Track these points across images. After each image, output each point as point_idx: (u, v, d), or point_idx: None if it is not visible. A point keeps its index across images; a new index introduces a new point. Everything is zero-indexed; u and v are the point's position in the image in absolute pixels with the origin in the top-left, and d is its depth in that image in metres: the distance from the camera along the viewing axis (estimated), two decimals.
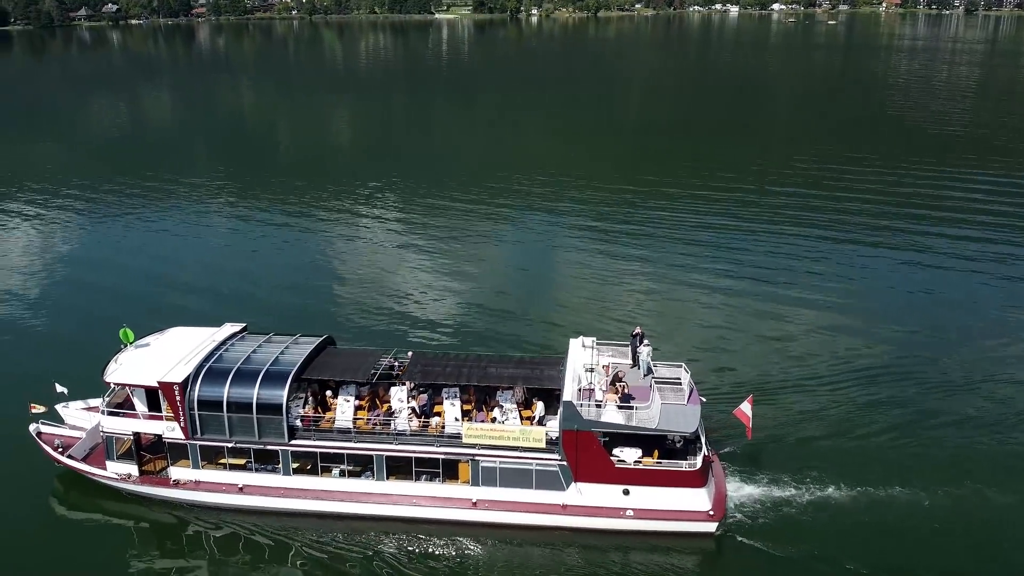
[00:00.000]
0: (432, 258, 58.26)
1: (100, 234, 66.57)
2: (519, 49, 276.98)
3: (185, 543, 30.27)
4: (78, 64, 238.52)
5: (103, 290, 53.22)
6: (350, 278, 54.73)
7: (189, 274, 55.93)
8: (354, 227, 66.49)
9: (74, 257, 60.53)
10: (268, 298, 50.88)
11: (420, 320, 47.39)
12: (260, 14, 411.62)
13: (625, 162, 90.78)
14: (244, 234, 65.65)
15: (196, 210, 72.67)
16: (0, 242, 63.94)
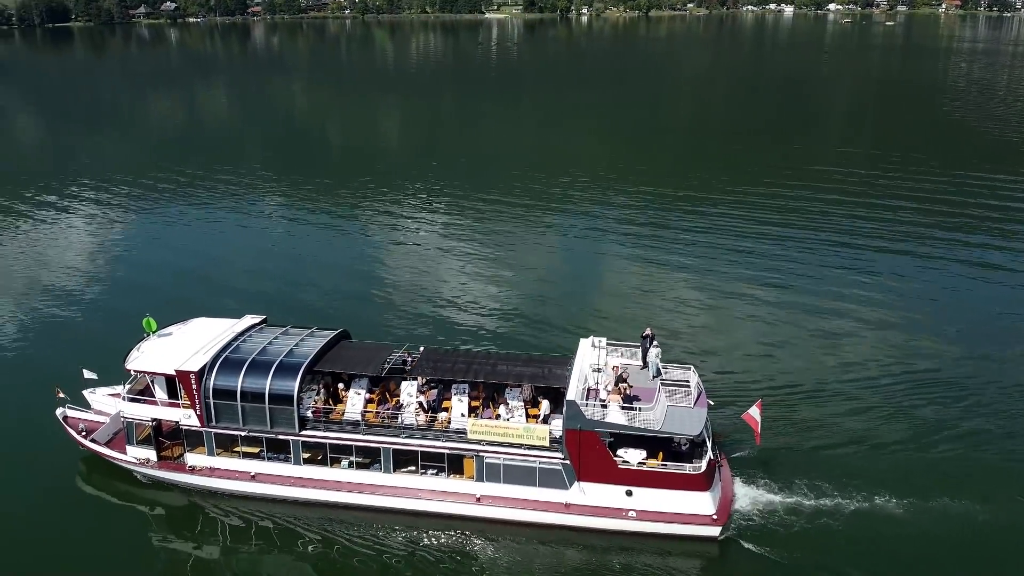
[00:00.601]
0: (468, 257, 58.45)
1: (146, 226, 68.48)
2: (568, 49, 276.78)
3: (199, 528, 31.05)
4: (137, 61, 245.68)
5: (140, 280, 54.86)
6: (385, 275, 55.32)
7: (226, 267, 57.32)
8: (396, 225, 66.97)
9: (117, 247, 62.47)
10: (299, 292, 51.85)
11: (447, 317, 47.78)
12: (314, 13, 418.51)
13: (671, 164, 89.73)
14: (287, 230, 66.78)
15: (242, 205, 74.13)
16: (50, 231, 66.33)
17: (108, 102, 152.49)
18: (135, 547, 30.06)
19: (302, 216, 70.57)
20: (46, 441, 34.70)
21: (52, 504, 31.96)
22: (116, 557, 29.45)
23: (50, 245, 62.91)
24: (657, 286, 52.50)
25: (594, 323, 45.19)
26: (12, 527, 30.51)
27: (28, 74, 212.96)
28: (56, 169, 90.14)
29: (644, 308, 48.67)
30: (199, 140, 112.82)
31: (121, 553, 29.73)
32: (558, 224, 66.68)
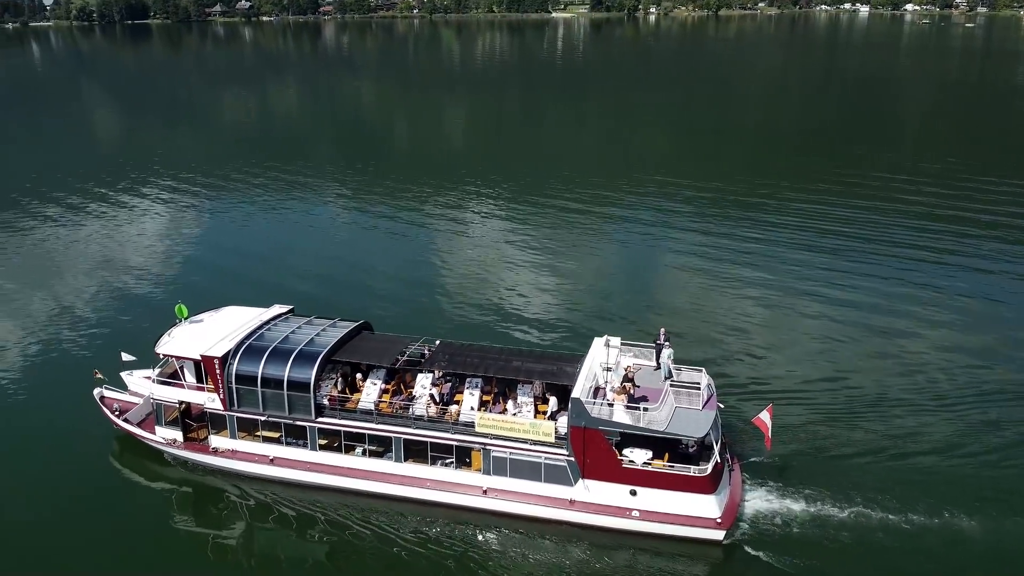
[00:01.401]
0: (514, 256, 58.59)
1: (204, 218, 71.03)
2: (635, 48, 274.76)
3: (220, 507, 32.30)
4: (212, 58, 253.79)
5: (187, 270, 57.22)
6: (427, 270, 56.21)
7: (273, 259, 58.94)
8: (449, 224, 67.53)
9: (172, 238, 64.90)
10: (336, 285, 53.04)
11: (477, 313, 48.39)
12: (383, 13, 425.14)
13: (730, 167, 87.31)
14: (338, 226, 68.19)
15: (299, 201, 75.74)
16: (114, 219, 69.41)
17: (182, 97, 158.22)
18: (159, 522, 31.45)
19: (357, 213, 71.82)
20: (84, 419, 36.51)
21: (86, 478, 33.65)
22: (141, 531, 30.80)
23: (112, 232, 65.85)
24: (693, 289, 52.03)
25: (623, 323, 45.27)
26: (48, 498, 32.18)
27: (108, 69, 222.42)
28: (127, 160, 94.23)
29: (673, 309, 48.46)
30: (266, 136, 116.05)
31: (146, 528, 31.06)
32: (607, 225, 66.40)
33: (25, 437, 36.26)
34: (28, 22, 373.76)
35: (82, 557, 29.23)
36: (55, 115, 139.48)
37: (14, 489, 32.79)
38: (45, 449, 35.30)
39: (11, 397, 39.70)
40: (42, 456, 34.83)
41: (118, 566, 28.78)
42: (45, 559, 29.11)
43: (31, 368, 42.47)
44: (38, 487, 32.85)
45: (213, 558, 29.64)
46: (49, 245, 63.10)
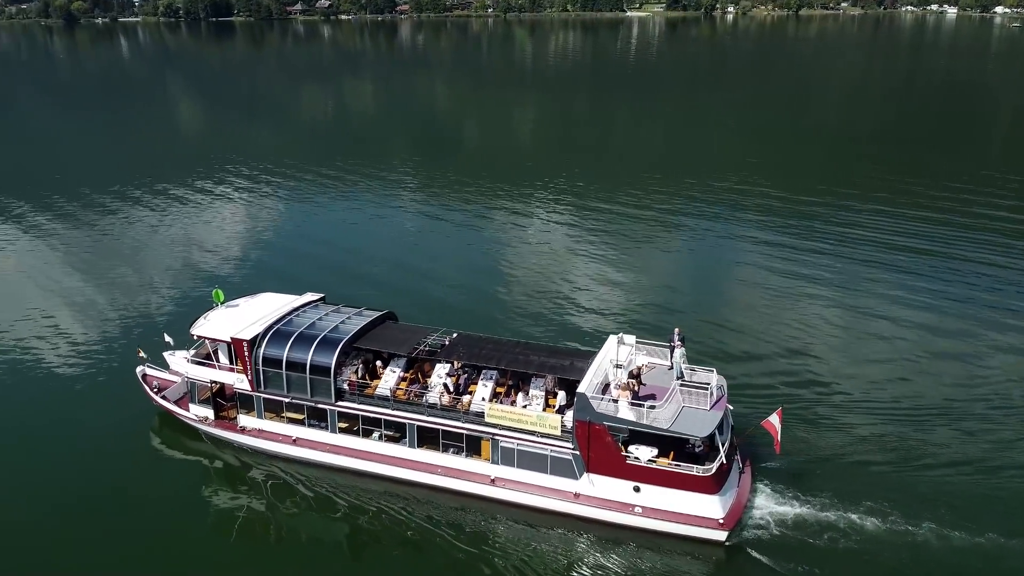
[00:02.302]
0: (574, 255, 58.65)
1: (270, 208, 73.84)
2: (711, 48, 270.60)
3: (246, 484, 33.91)
4: (292, 55, 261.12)
5: (244, 257, 59.93)
6: (480, 267, 57.03)
7: (326, 249, 61.10)
8: (510, 221, 67.99)
9: (238, 226, 67.80)
10: (383, 277, 54.55)
11: (520, 308, 49.19)
12: (458, 12, 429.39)
13: (809, 171, 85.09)
14: (400, 220, 69.42)
15: (365, 196, 77.22)
16: (182, 209, 72.57)
17: (261, 93, 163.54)
18: (189, 495, 33.25)
19: (416, 210, 72.89)
20: (128, 395, 38.76)
21: (125, 449, 35.78)
22: (172, 501, 32.55)
23: (178, 220, 69.16)
24: (736, 293, 51.71)
25: (655, 323, 45.32)
26: (88, 467, 34.38)
27: (191, 64, 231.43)
28: (203, 153, 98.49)
29: (709, 313, 48.15)
30: (338, 133, 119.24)
31: (177, 499, 32.81)
32: (664, 227, 65.57)
33: (74, 409, 38.68)
34: (117, 17, 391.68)
35: (118, 523, 31.07)
36: (140, 108, 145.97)
37: (62, 456, 35.10)
38: (92, 421, 37.59)
39: (64, 372, 42.35)
40: (89, 427, 37.13)
41: (150, 533, 30.46)
42: (87, 521, 31.12)
43: (86, 345, 45.14)
44: (83, 456, 35.09)
45: (236, 532, 31.11)
46: (120, 231, 66.59)
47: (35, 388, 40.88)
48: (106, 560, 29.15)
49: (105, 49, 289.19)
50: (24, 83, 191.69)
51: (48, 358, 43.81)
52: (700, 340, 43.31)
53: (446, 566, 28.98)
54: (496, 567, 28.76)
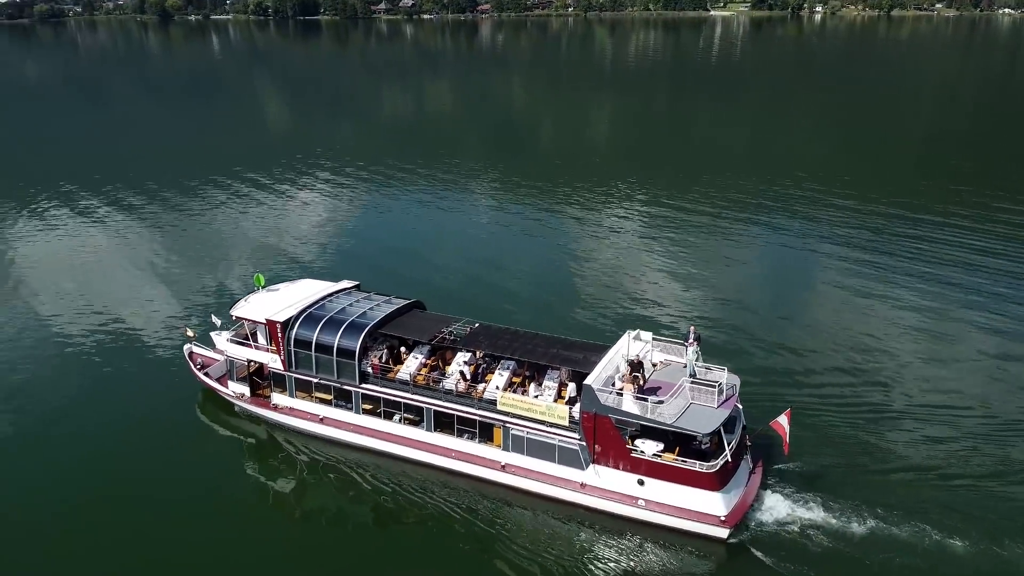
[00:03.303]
0: (646, 256, 58.43)
1: (337, 199, 76.38)
2: (798, 49, 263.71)
3: (276, 458, 35.91)
4: (374, 53, 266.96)
5: (302, 245, 62.56)
6: (551, 265, 57.71)
7: (381, 241, 63.48)
8: (580, 220, 68.26)
9: (302, 217, 70.52)
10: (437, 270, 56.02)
11: (567, 305, 49.77)
12: (538, 11, 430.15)
13: (893, 179, 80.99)
14: (473, 217, 70.61)
15: (433, 191, 78.53)
16: (254, 199, 75.73)
17: (343, 90, 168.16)
18: (224, 465, 35.55)
19: (487, 204, 74.19)
20: (179, 372, 41.32)
21: (170, 422, 38.22)
22: (208, 470, 34.83)
23: (248, 209, 72.43)
24: (796, 299, 51.22)
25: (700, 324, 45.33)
26: (137, 436, 36.86)
27: (278, 61, 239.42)
28: (283, 147, 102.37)
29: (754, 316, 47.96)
30: (412, 129, 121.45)
31: (212, 469, 35.07)
32: (733, 231, 64.52)
33: (128, 382, 41.53)
34: (209, 15, 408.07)
35: (156, 487, 33.27)
36: (225, 102, 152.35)
37: (113, 424, 37.77)
38: (139, 395, 40.25)
39: (123, 347, 45.37)
40: (140, 400, 39.75)
41: (187, 499, 32.59)
42: (132, 484, 33.53)
43: (145, 323, 48.14)
44: (133, 425, 37.60)
45: (262, 502, 33.23)
46: (190, 219, 70.17)
47: (96, 361, 43.92)
48: (146, 520, 31.32)
49: (197, 45, 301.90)
50: (120, 76, 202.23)
51: (110, 333, 47.00)
52: (734, 342, 43.82)
53: (457, 548, 30.10)
54: (504, 552, 29.67)
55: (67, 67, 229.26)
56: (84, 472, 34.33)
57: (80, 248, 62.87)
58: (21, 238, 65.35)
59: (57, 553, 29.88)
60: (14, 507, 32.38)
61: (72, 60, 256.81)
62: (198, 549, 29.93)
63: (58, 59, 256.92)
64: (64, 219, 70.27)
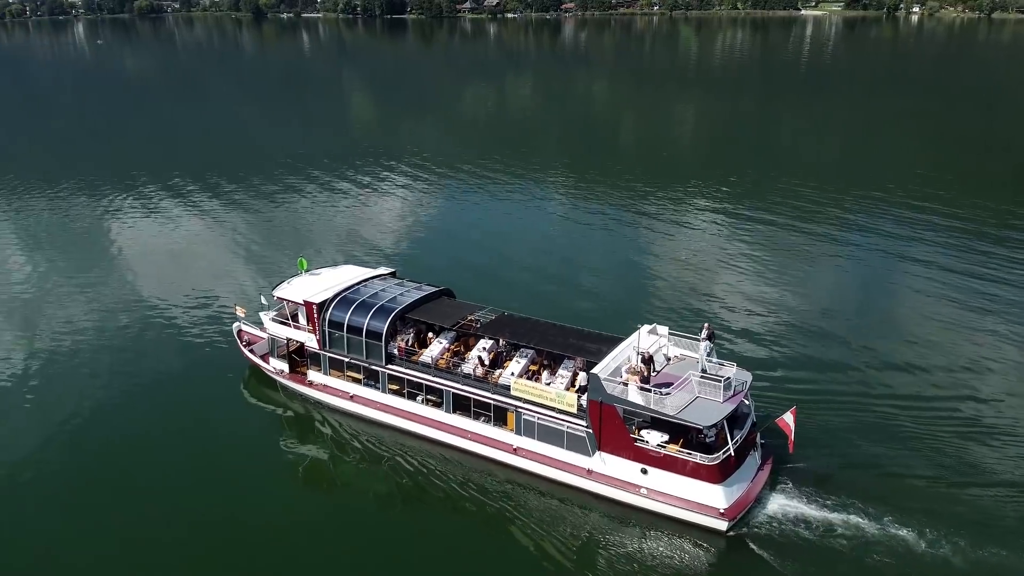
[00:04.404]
0: (730, 261, 57.56)
1: (405, 192, 78.51)
2: (893, 51, 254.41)
3: (310, 432, 38.24)
4: (458, 51, 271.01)
5: (358, 234, 65.06)
6: (592, 264, 58.28)
7: (436, 235, 65.35)
8: (657, 220, 67.96)
9: (370, 209, 72.96)
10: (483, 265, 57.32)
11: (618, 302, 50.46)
12: (623, 9, 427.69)
13: (988, 191, 76.49)
14: (541, 216, 70.84)
15: (508, 188, 79.46)
16: (328, 190, 78.68)
17: (426, 87, 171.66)
18: (262, 435, 38.22)
19: (559, 203, 74.58)
20: (230, 347, 44.13)
21: (218, 394, 41.17)
22: (248, 439, 37.54)
23: (315, 199, 75.59)
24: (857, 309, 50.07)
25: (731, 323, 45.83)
26: (187, 406, 39.77)
27: (366, 58, 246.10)
28: (360, 141, 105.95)
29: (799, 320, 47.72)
30: (490, 127, 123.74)
31: (252, 438, 37.76)
32: (805, 234, 62.94)
33: (182, 356, 44.58)
34: (301, 13, 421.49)
35: (200, 451, 36.05)
36: (311, 97, 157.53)
37: (168, 394, 40.74)
38: (193, 367, 43.28)
39: (187, 320, 48.82)
40: (192, 373, 42.78)
41: (227, 465, 35.17)
42: (179, 448, 36.40)
43: (203, 301, 51.45)
44: (185, 396, 40.56)
45: (294, 471, 35.54)
46: (258, 206, 73.80)
47: (165, 333, 47.44)
48: (188, 483, 33.99)
49: (288, 42, 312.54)
50: (214, 71, 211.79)
51: (179, 307, 50.76)
52: (776, 344, 44.17)
53: (468, 525, 31.71)
54: (512, 532, 30.93)
55: (165, 61, 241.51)
56: (139, 432, 37.64)
57: (167, 230, 67.50)
58: (118, 221, 69.98)
59: (111, 501, 32.76)
60: (81, 458, 35.87)
61: (170, 55, 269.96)
62: (233, 509, 32.45)
63: (156, 53, 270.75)
64: (157, 203, 75.10)
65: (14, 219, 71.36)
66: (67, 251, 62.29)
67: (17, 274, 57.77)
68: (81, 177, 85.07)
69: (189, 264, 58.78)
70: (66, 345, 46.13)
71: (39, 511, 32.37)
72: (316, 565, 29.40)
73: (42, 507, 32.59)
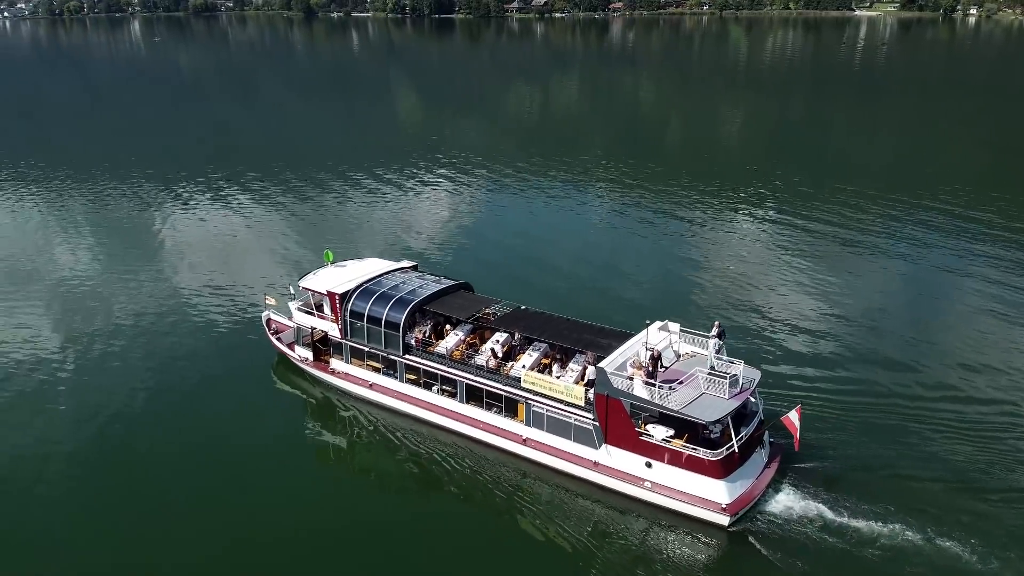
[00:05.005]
0: (781, 267, 56.99)
1: (440, 190, 79.53)
2: (949, 53, 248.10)
3: (332, 417, 39.56)
4: (504, 50, 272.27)
5: (391, 230, 66.45)
6: (622, 262, 58.78)
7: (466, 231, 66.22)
8: (697, 222, 67.78)
9: (402, 204, 74.53)
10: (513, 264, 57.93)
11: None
12: (672, 9, 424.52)
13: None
14: (571, 214, 71.68)
15: (547, 188, 79.82)
16: (368, 187, 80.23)
17: (471, 85, 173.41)
18: (286, 420, 39.62)
19: (594, 204, 74.84)
20: (261, 335, 45.73)
21: (247, 380, 42.76)
22: (273, 424, 38.83)
23: (358, 195, 77.26)
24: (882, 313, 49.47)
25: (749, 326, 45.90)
26: (216, 387, 41.55)
27: (414, 57, 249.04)
28: (405, 138, 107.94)
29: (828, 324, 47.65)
30: (533, 126, 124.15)
31: (276, 422, 39.10)
32: (843, 240, 62.16)
33: (216, 342, 46.40)
34: (351, 12, 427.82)
35: (228, 433, 37.68)
36: (361, 95, 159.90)
37: (200, 378, 42.37)
38: (222, 353, 44.98)
39: (215, 308, 50.69)
40: (225, 358, 44.46)
41: (250, 446, 36.66)
42: (209, 428, 38.04)
43: (246, 289, 53.40)
44: (215, 381, 42.18)
45: (314, 455, 36.99)
46: (306, 200, 75.80)
47: (194, 321, 49.21)
48: (212, 460, 35.70)
49: (338, 41, 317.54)
50: (266, 68, 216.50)
51: (218, 294, 52.86)
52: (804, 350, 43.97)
53: (477, 512, 32.62)
54: (519, 520, 31.71)
55: (218, 59, 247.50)
56: (171, 411, 39.47)
57: (209, 222, 69.92)
58: (164, 212, 72.47)
59: (145, 477, 34.45)
60: (124, 429, 38.04)
61: (223, 52, 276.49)
62: (253, 485, 33.88)
63: (210, 51, 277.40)
64: (202, 196, 77.54)
65: (66, 208, 74.43)
66: (114, 239, 64.92)
67: (66, 259, 60.52)
68: (133, 170, 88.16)
69: (227, 254, 60.92)
70: (107, 328, 48.24)
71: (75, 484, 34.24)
72: (330, 544, 30.46)
73: (78, 480, 34.45)
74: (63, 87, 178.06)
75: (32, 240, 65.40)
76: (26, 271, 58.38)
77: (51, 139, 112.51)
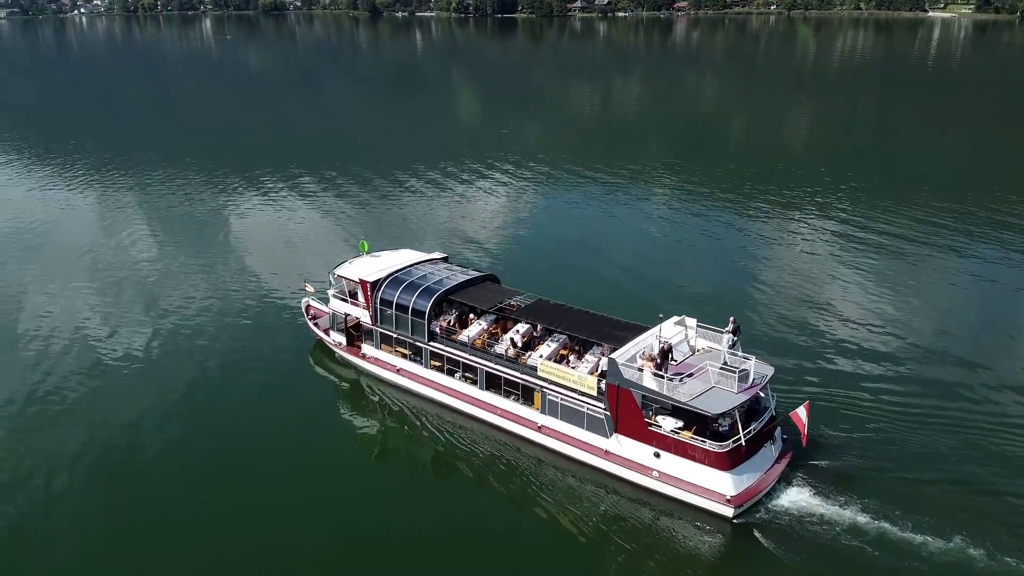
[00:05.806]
0: (843, 271, 56.28)
1: (499, 189, 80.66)
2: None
3: (362, 400, 41.31)
4: (567, 50, 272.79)
5: (435, 225, 68.13)
6: (652, 261, 59.31)
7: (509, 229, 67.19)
8: (751, 225, 67.42)
9: (454, 199, 76.21)
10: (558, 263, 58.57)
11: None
12: (738, 8, 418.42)
13: None
14: (622, 216, 71.50)
15: (602, 187, 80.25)
16: (419, 183, 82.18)
17: (532, 84, 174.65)
18: (320, 402, 41.61)
19: (650, 207, 74.21)
20: (301, 322, 47.90)
21: (287, 362, 44.76)
22: (307, 403, 40.88)
23: (407, 190, 79.32)
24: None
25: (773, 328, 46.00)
26: (257, 369, 43.76)
27: (476, 56, 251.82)
28: (464, 137, 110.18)
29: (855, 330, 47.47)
30: (592, 125, 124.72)
31: (310, 402, 41.11)
32: (898, 247, 60.99)
33: (257, 327, 48.68)
34: (415, 12, 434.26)
35: (264, 415, 39.55)
36: (423, 93, 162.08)
37: (244, 361, 44.62)
38: (266, 336, 47.22)
39: (259, 295, 53.14)
40: (264, 342, 46.59)
41: (289, 424, 38.51)
42: (248, 409, 40.12)
43: (290, 278, 55.52)
44: (258, 364, 44.27)
45: (343, 436, 38.57)
46: (358, 193, 78.39)
47: (241, 306, 51.69)
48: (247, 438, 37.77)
49: (402, 40, 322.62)
50: (332, 66, 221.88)
51: (264, 280, 55.57)
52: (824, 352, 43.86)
53: (493, 496, 33.61)
54: (532, 505, 32.67)
55: (286, 57, 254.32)
56: (215, 390, 41.85)
57: (266, 213, 72.76)
58: (224, 204, 75.72)
59: (184, 460, 36.14)
60: (179, 396, 40.72)
61: (291, 50, 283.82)
62: (283, 459, 35.76)
63: (278, 49, 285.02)
64: (262, 189, 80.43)
65: (128, 201, 78.29)
66: (171, 230, 68.03)
67: (133, 246, 63.93)
68: (198, 163, 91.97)
69: (278, 243, 63.75)
70: (159, 312, 50.94)
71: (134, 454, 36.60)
72: (350, 517, 32.12)
73: (137, 451, 36.81)
74: (140, 82, 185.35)
75: (104, 226, 69.53)
76: (96, 253, 62.41)
77: (126, 133, 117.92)
